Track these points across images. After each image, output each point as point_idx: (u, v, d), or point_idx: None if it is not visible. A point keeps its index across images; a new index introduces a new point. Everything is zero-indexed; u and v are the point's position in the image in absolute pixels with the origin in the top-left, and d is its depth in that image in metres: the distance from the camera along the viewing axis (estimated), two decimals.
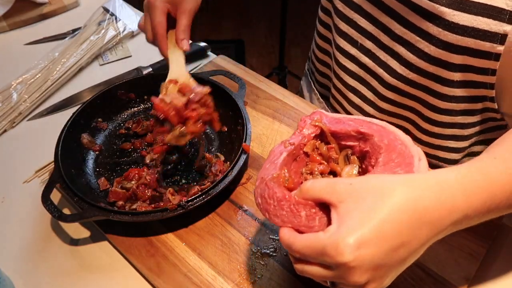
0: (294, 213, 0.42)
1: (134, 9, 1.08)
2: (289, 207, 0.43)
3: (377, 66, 0.68)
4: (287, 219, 0.43)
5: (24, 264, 0.61)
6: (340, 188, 0.40)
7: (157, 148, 0.72)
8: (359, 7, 0.67)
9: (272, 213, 0.44)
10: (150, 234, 0.62)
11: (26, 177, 0.72)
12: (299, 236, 0.41)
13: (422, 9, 0.57)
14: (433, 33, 0.57)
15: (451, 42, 0.56)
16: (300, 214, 0.42)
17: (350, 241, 0.36)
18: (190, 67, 0.92)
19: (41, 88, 0.87)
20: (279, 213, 0.43)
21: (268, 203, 0.44)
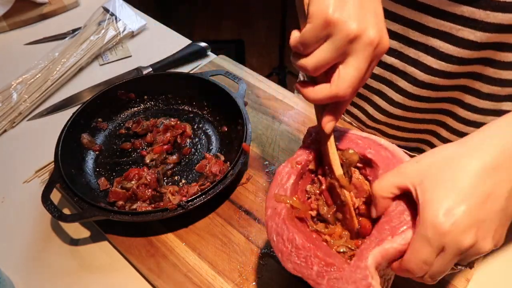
0: (308, 265, 0.42)
1: (134, 9, 1.08)
2: (305, 257, 0.42)
3: (407, 65, 0.66)
4: (298, 268, 0.42)
5: (24, 264, 0.61)
6: (410, 170, 0.41)
7: (157, 148, 0.72)
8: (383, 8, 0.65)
9: (286, 257, 0.43)
10: (150, 234, 0.62)
11: (26, 177, 0.72)
12: (408, 256, 0.40)
13: None
14: (479, 17, 0.55)
15: (502, 22, 0.54)
16: (313, 268, 0.41)
17: (442, 218, 0.37)
18: (190, 67, 0.92)
19: (41, 88, 0.87)
20: (292, 259, 0.43)
21: (285, 246, 0.44)
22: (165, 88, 0.81)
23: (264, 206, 0.48)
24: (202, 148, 0.74)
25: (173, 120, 0.76)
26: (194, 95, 0.80)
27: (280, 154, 0.72)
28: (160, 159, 0.71)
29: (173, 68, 0.92)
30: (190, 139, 0.75)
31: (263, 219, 0.63)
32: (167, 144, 0.73)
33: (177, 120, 0.76)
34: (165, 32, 1.05)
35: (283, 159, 0.71)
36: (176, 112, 0.80)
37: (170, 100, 0.81)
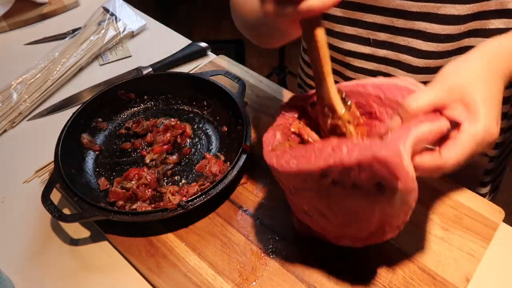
0: (336, 153, 0.43)
1: (134, 9, 1.08)
2: (332, 148, 0.43)
3: (399, 53, 0.67)
4: (327, 158, 0.43)
5: (24, 264, 0.61)
6: (447, 88, 0.44)
7: (157, 148, 0.72)
8: (361, 5, 0.66)
9: (313, 161, 0.44)
10: (150, 234, 0.62)
11: (26, 177, 0.72)
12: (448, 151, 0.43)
13: None
14: (448, 12, 0.57)
15: (472, 12, 0.56)
16: (342, 150, 0.42)
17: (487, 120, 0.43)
18: (190, 66, 0.92)
19: (41, 88, 0.87)
20: (318, 157, 0.44)
21: (306, 155, 0.45)
22: (165, 88, 0.81)
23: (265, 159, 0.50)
24: (202, 148, 0.74)
25: (173, 120, 0.76)
26: (194, 95, 0.80)
27: None
28: (160, 159, 0.71)
29: (173, 68, 0.92)
30: (190, 139, 0.75)
31: (263, 219, 0.63)
32: (167, 144, 0.73)
33: (177, 120, 0.76)
34: (165, 32, 1.05)
35: None
36: (176, 112, 0.80)
37: (170, 100, 0.81)
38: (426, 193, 0.65)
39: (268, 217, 0.63)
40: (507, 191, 1.83)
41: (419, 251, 0.58)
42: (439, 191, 0.65)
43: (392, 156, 0.39)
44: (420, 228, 0.61)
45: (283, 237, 0.61)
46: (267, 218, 0.63)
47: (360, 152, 0.41)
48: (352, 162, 0.41)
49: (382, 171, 0.40)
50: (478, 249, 0.58)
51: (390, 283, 0.55)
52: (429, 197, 0.64)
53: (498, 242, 0.60)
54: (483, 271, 0.57)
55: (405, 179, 0.40)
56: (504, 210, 0.63)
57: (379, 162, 0.39)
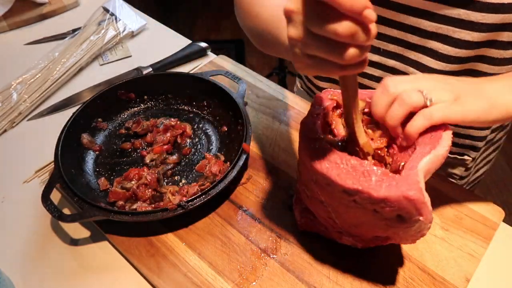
0: (366, 178, 0.45)
1: (134, 9, 1.08)
2: (363, 172, 0.46)
3: (408, 66, 0.68)
4: (358, 182, 0.45)
5: (24, 264, 0.61)
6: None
7: (157, 148, 0.72)
8: (379, 16, 0.65)
9: (344, 176, 0.46)
10: (150, 234, 0.62)
11: (26, 177, 0.72)
12: None
13: (459, 0, 0.57)
14: (475, 19, 0.58)
15: (496, 22, 0.57)
16: (371, 179, 0.45)
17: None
18: (190, 66, 0.92)
19: (41, 88, 0.87)
20: (350, 176, 0.46)
21: (340, 168, 0.47)
22: (165, 88, 0.81)
23: (298, 150, 0.53)
24: (202, 148, 0.74)
25: (173, 120, 0.76)
26: (194, 95, 0.80)
27: (280, 154, 0.72)
28: (160, 159, 0.71)
29: (173, 68, 0.92)
30: (190, 139, 0.75)
31: (263, 219, 0.63)
32: (167, 144, 0.73)
33: (177, 120, 0.76)
34: (165, 32, 1.05)
35: (283, 159, 0.71)
36: (176, 112, 0.80)
37: (170, 100, 0.81)
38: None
39: (268, 217, 0.63)
40: (507, 191, 1.83)
41: (419, 251, 0.58)
42: (439, 191, 0.65)
43: (419, 194, 0.43)
44: None
45: (283, 237, 0.61)
46: (267, 218, 0.63)
47: (387, 190, 0.44)
48: (379, 197, 0.44)
49: (408, 208, 0.44)
50: (478, 249, 0.58)
51: (390, 283, 0.55)
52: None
53: (498, 242, 0.60)
54: (483, 271, 0.57)
55: (427, 214, 0.44)
56: (504, 210, 0.63)
57: (408, 201, 0.43)
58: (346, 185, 0.46)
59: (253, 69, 0.89)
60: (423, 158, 0.46)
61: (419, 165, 0.45)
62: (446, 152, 0.47)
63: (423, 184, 0.44)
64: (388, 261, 0.58)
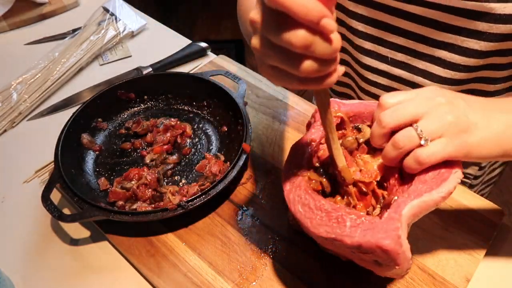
0: (340, 224, 0.43)
1: (134, 9, 1.08)
2: (336, 217, 0.44)
3: (415, 75, 0.68)
4: (331, 230, 0.43)
5: (24, 264, 0.61)
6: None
7: (157, 148, 0.72)
8: (387, 25, 0.66)
9: (317, 223, 0.45)
10: (150, 234, 0.62)
11: (26, 177, 0.72)
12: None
13: (468, 10, 0.57)
14: (483, 29, 0.57)
15: (504, 32, 0.56)
16: (346, 225, 0.43)
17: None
18: (190, 67, 0.92)
19: (41, 88, 0.87)
20: (324, 223, 0.44)
21: (313, 213, 0.45)
22: (165, 88, 0.81)
23: (282, 181, 0.51)
24: (202, 148, 0.74)
25: (173, 120, 0.76)
26: (194, 95, 0.80)
27: (280, 154, 0.72)
28: (160, 159, 0.71)
29: (173, 68, 0.92)
30: (190, 139, 0.75)
31: (263, 219, 0.63)
32: (167, 144, 0.73)
33: (177, 120, 0.76)
34: (165, 32, 1.05)
35: (283, 159, 0.71)
36: (176, 112, 0.80)
37: (170, 100, 0.81)
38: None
39: (268, 217, 0.63)
40: (507, 191, 1.83)
41: (419, 251, 0.58)
42: None
43: (394, 244, 0.40)
44: (420, 228, 0.61)
45: (283, 237, 0.61)
46: (267, 218, 0.63)
47: (361, 236, 0.41)
48: (353, 244, 0.42)
49: (383, 257, 0.41)
50: (478, 249, 0.58)
51: (390, 283, 0.55)
52: None
53: (498, 242, 0.60)
54: (483, 271, 0.57)
55: (404, 262, 0.42)
56: (504, 210, 0.63)
57: (382, 250, 0.40)
58: (320, 234, 0.44)
59: (253, 69, 0.89)
60: (411, 202, 0.42)
61: (403, 210, 0.42)
62: (441, 198, 0.43)
63: (403, 231, 0.41)
64: None
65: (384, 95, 0.47)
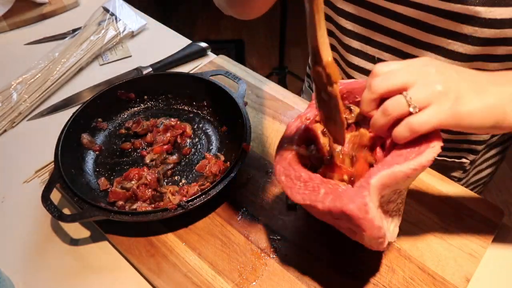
0: (315, 191, 0.47)
1: (134, 9, 1.08)
2: (313, 186, 0.48)
3: None
4: (307, 197, 0.47)
5: (24, 264, 0.61)
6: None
7: (157, 148, 0.72)
8: (375, 24, 0.66)
9: (295, 191, 0.48)
10: (150, 234, 0.62)
11: (26, 177, 0.72)
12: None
13: (453, 13, 0.57)
14: (468, 32, 0.57)
15: (489, 37, 0.56)
16: (319, 192, 0.46)
17: None
18: (190, 67, 0.92)
19: (41, 88, 0.87)
20: (301, 191, 0.48)
21: (293, 183, 0.49)
22: (165, 88, 0.81)
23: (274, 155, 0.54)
24: (202, 148, 0.74)
25: (173, 120, 0.76)
26: (194, 95, 0.80)
27: None
28: (160, 159, 0.71)
29: (173, 68, 0.92)
30: (190, 139, 0.75)
31: (263, 219, 0.63)
32: (167, 144, 0.73)
33: (177, 120, 0.76)
34: (165, 32, 1.05)
35: None
36: (176, 112, 0.80)
37: (170, 100, 0.81)
38: (426, 193, 0.65)
39: (268, 217, 0.63)
40: (507, 191, 1.83)
41: (419, 251, 0.58)
42: (439, 191, 0.65)
43: (357, 210, 0.42)
44: (420, 228, 0.61)
45: (283, 237, 0.61)
46: (267, 218, 0.63)
47: (331, 202, 0.44)
48: (324, 210, 0.45)
49: (350, 222, 0.44)
50: (478, 249, 0.58)
51: (390, 283, 0.56)
52: (429, 197, 0.64)
53: (498, 242, 0.60)
54: (483, 271, 0.57)
55: (371, 229, 0.43)
56: (504, 210, 0.63)
57: (346, 215, 0.43)
58: (297, 201, 0.47)
59: (253, 69, 0.89)
60: (381, 172, 0.43)
61: (372, 180, 0.43)
62: (411, 170, 0.43)
63: (372, 199, 0.42)
64: (388, 261, 0.58)
65: (378, 64, 0.48)
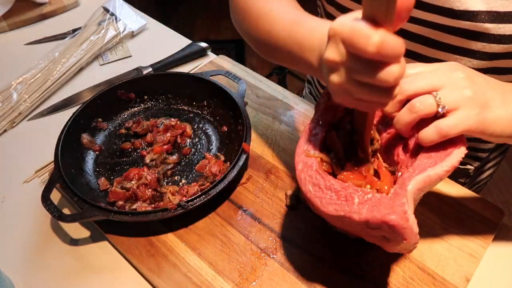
0: (348, 202, 0.44)
1: (134, 9, 1.08)
2: (345, 196, 0.45)
3: None
4: (340, 208, 0.44)
5: (24, 264, 0.61)
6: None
7: (157, 148, 0.72)
8: None
9: (326, 202, 0.46)
10: (150, 234, 0.62)
11: (26, 177, 0.72)
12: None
13: (462, 30, 0.56)
14: (477, 48, 0.57)
15: (498, 52, 0.56)
16: (354, 202, 0.44)
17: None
18: (190, 66, 0.92)
19: (41, 88, 0.87)
20: (333, 202, 0.45)
21: (323, 193, 0.47)
22: (165, 88, 0.81)
23: (294, 162, 0.51)
24: (202, 148, 0.74)
25: (173, 120, 0.76)
26: (194, 95, 0.80)
27: (280, 154, 0.72)
28: (160, 159, 0.71)
29: (173, 68, 0.92)
30: (190, 139, 0.75)
31: (263, 219, 0.63)
32: (167, 144, 0.73)
33: (177, 120, 0.76)
34: (165, 32, 1.05)
35: (283, 159, 0.71)
36: (176, 112, 0.80)
37: (170, 100, 0.81)
38: (426, 193, 0.65)
39: (268, 217, 0.63)
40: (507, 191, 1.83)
41: (419, 251, 0.58)
42: (440, 191, 0.65)
43: (400, 219, 0.41)
44: (420, 228, 0.60)
45: (283, 237, 0.61)
46: (267, 218, 0.63)
47: (369, 213, 0.42)
48: (361, 220, 0.43)
49: (390, 232, 0.42)
50: (478, 249, 0.58)
51: (390, 283, 0.56)
52: (429, 197, 0.64)
53: (498, 242, 0.60)
54: (483, 271, 0.57)
55: (410, 236, 0.42)
56: (504, 210, 0.63)
57: (388, 225, 0.41)
58: (329, 212, 0.45)
59: (253, 69, 0.89)
60: (416, 177, 0.43)
61: (408, 186, 0.42)
62: (444, 172, 0.43)
63: (409, 206, 0.42)
64: (388, 261, 0.58)
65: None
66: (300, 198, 0.64)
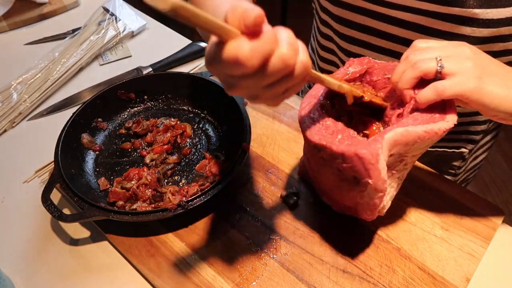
0: (333, 136, 0.49)
1: (134, 9, 1.08)
2: (332, 131, 0.50)
3: None
4: (324, 138, 0.49)
5: (24, 264, 0.61)
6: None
7: (157, 148, 0.72)
8: (373, 29, 0.67)
9: (314, 132, 0.51)
10: (150, 234, 0.62)
11: (26, 177, 0.72)
12: None
13: (452, 16, 0.58)
14: (466, 33, 0.59)
15: (486, 36, 0.58)
16: (337, 137, 0.49)
17: None
18: (190, 67, 0.92)
19: (41, 88, 0.87)
20: (320, 133, 0.50)
21: (315, 125, 0.52)
22: (165, 88, 0.81)
23: (300, 106, 0.55)
24: (202, 148, 0.74)
25: (173, 120, 0.76)
26: (194, 95, 0.80)
27: (280, 154, 0.72)
28: (160, 159, 0.71)
29: (173, 68, 0.92)
30: (190, 139, 0.75)
31: (263, 218, 0.63)
32: (167, 144, 0.73)
33: (177, 120, 0.76)
34: (165, 32, 1.05)
35: (283, 159, 0.71)
36: (176, 112, 0.80)
37: (170, 100, 0.81)
38: (426, 193, 0.65)
39: (269, 217, 0.63)
40: (507, 191, 1.83)
41: (419, 251, 0.58)
42: (439, 191, 0.65)
43: (369, 154, 0.45)
44: (420, 228, 0.61)
45: (283, 237, 0.61)
46: (268, 218, 0.63)
47: (346, 146, 0.47)
48: (337, 151, 0.48)
49: (359, 166, 0.46)
50: (478, 249, 0.58)
51: (390, 283, 0.56)
52: (429, 197, 0.64)
53: (498, 242, 0.60)
54: (483, 271, 0.57)
55: (377, 178, 0.46)
56: (504, 210, 0.63)
57: (358, 158, 0.46)
58: (314, 140, 0.50)
59: None
60: (396, 128, 0.46)
61: (386, 134, 0.46)
62: (423, 133, 0.46)
63: (383, 152, 0.45)
64: (388, 261, 0.58)
65: (417, 40, 0.51)
66: (298, 194, 0.65)
